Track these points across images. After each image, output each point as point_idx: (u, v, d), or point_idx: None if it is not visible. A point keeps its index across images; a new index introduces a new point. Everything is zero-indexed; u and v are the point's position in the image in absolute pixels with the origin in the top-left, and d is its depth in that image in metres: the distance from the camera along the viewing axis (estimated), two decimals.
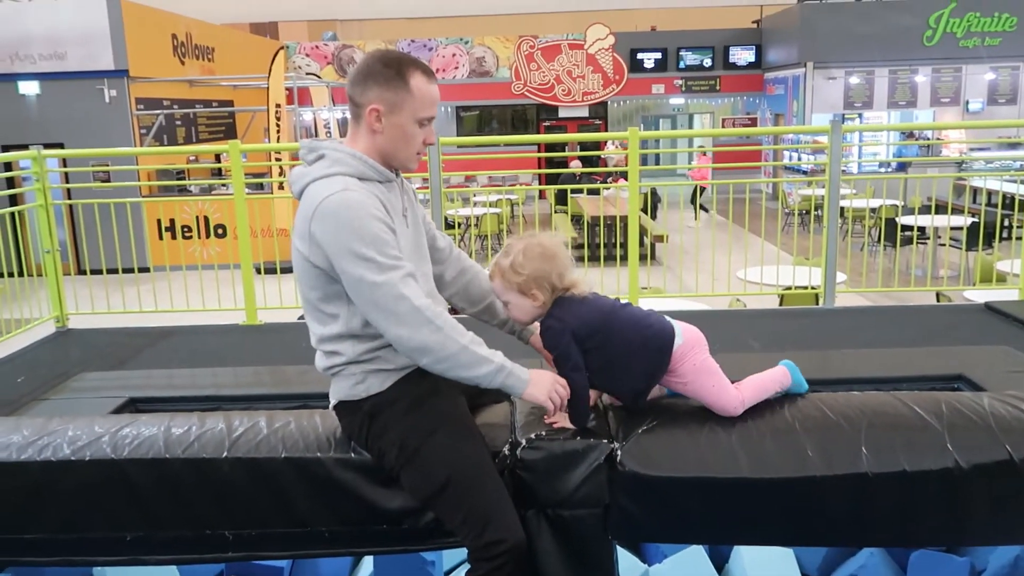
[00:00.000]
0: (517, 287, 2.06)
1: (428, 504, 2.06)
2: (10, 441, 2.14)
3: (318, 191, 1.96)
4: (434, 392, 2.07)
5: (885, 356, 4.27)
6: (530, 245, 2.07)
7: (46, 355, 4.85)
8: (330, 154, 2.03)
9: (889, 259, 9.89)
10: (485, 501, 1.97)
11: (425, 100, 2.04)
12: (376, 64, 2.03)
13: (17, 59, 11.16)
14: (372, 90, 2.01)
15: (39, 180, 5.26)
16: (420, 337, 1.92)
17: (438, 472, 1.99)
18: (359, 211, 1.92)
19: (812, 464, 2.03)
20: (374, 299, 1.91)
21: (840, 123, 5.39)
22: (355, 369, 2.04)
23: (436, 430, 2.03)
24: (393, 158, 2.07)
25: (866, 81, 15.92)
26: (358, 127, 2.07)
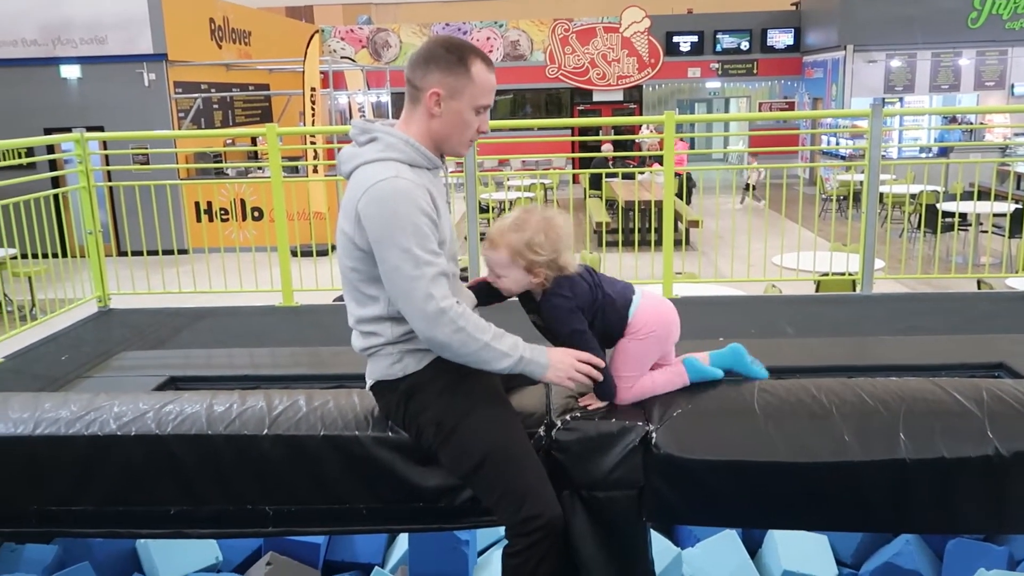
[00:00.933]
0: (525, 265, 2.04)
1: (466, 481, 2.08)
2: (59, 416, 2.20)
3: (369, 174, 1.99)
4: (471, 371, 2.08)
5: (924, 344, 4.22)
6: (548, 225, 2.05)
7: (89, 334, 4.96)
8: (383, 138, 2.05)
9: (929, 246, 9.73)
10: (522, 478, 2.00)
11: (484, 88, 2.05)
12: (439, 49, 2.04)
13: (59, 43, 11.33)
14: (434, 74, 2.02)
15: (82, 162, 5.35)
16: (441, 335, 1.96)
17: (475, 449, 2.02)
18: (407, 201, 1.94)
19: (849, 449, 2.02)
20: (405, 291, 1.95)
21: (881, 107, 5.30)
22: (392, 349, 2.07)
23: (473, 408, 2.05)
24: (445, 143, 2.09)
25: (908, 64, 15.62)
26: (414, 110, 2.08)
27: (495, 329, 2.01)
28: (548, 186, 13.62)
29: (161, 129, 11.20)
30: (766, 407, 2.12)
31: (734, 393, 2.18)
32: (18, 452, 2.16)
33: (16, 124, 10.59)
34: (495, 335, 1.99)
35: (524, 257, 2.03)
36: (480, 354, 1.97)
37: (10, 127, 10.26)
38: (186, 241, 9.69)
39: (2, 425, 2.17)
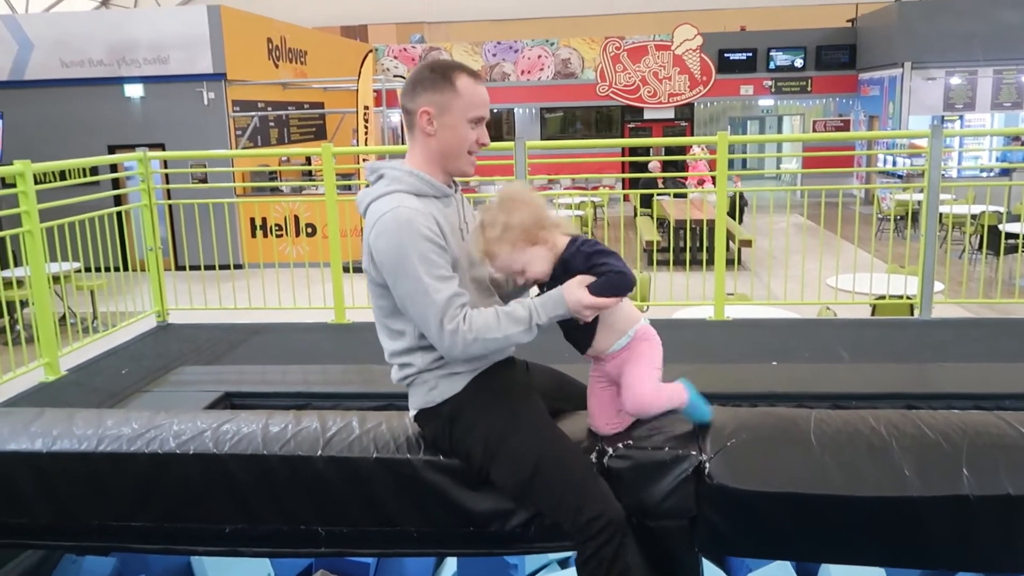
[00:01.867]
0: (527, 240, 2.02)
1: (521, 495, 2.08)
2: (120, 433, 2.26)
3: (376, 210, 2.05)
4: (510, 388, 2.12)
5: (986, 371, 4.10)
6: (503, 205, 2.04)
7: (148, 348, 5.08)
8: (388, 173, 2.10)
9: (991, 268, 9.46)
10: (576, 481, 2.01)
11: (473, 99, 2.08)
12: (423, 71, 2.11)
13: (124, 63, 11.70)
14: (421, 95, 2.07)
15: (144, 181, 5.51)
16: (463, 352, 2.00)
17: (526, 460, 2.03)
18: (410, 231, 1.98)
19: (910, 484, 1.97)
20: (421, 318, 2.00)
21: (941, 128, 5.19)
22: (427, 376, 2.10)
23: (518, 420, 2.07)
24: (448, 161, 2.11)
25: (968, 81, 15.27)
26: (413, 137, 2.13)
27: (502, 313, 2.01)
28: (598, 204, 13.60)
29: (219, 146, 11.48)
30: (822, 437, 2.08)
31: (789, 423, 2.14)
32: (82, 468, 2.22)
33: (82, 140, 10.99)
34: (505, 321, 2.00)
35: (514, 240, 2.01)
36: (503, 345, 2.02)
37: (76, 143, 10.67)
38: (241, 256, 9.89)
39: (67, 441, 2.24)
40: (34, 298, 4.48)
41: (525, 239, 2.02)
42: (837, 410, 2.23)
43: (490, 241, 2.02)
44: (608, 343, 2.09)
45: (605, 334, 2.08)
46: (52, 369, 4.47)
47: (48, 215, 4.59)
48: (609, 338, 2.08)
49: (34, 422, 2.35)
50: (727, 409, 2.30)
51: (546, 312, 2.01)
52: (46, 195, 4.66)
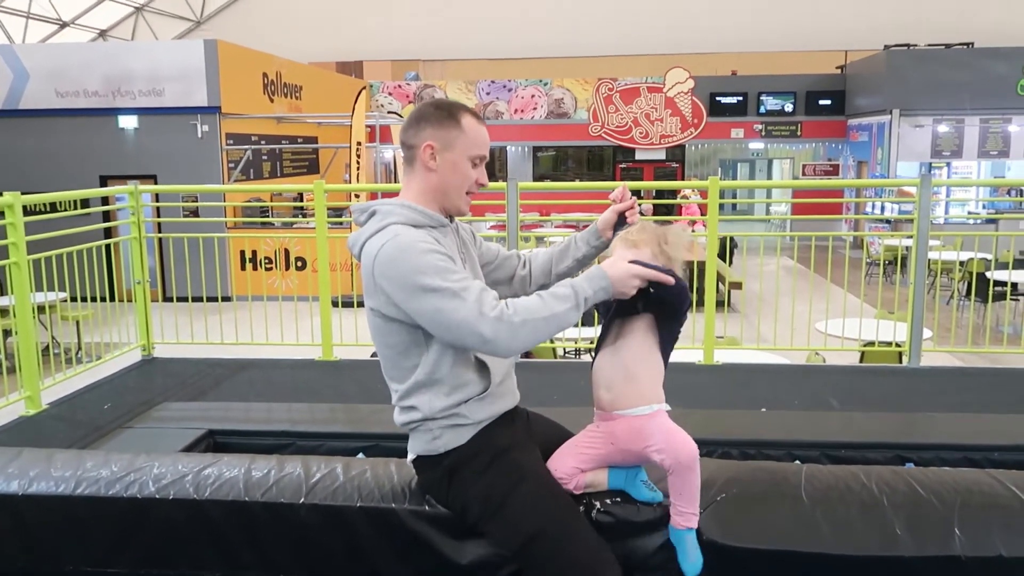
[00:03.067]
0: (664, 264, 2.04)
1: (517, 557, 2.03)
2: (99, 475, 2.21)
3: (372, 246, 2.01)
4: (514, 444, 2.07)
5: (976, 422, 4.08)
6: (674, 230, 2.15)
7: (132, 383, 5.02)
8: (380, 209, 2.08)
9: (978, 315, 9.51)
10: (583, 550, 1.95)
11: (477, 139, 2.10)
12: (428, 108, 2.12)
13: (119, 95, 11.74)
14: (425, 130, 2.08)
15: (134, 214, 5.48)
16: (515, 342, 1.92)
17: (526, 524, 1.98)
18: (412, 250, 1.95)
19: (901, 543, 1.95)
20: (456, 324, 1.90)
21: (930, 177, 5.24)
22: (432, 425, 2.05)
23: (520, 482, 2.01)
24: (446, 197, 2.10)
25: (955, 130, 15.48)
26: (412, 172, 2.12)
27: (545, 294, 1.97)
28: None
29: (212, 178, 11.49)
30: (813, 493, 2.06)
31: (780, 478, 2.12)
32: (59, 511, 2.17)
33: (75, 170, 10.99)
34: (549, 300, 1.94)
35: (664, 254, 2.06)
36: (552, 326, 1.94)
37: (69, 173, 10.66)
38: (230, 288, 9.84)
39: (45, 483, 2.19)
40: (18, 331, 4.42)
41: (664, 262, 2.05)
42: (828, 465, 2.21)
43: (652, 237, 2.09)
44: (631, 401, 2.03)
45: (634, 386, 2.02)
46: (33, 403, 4.41)
47: (37, 246, 4.56)
48: (634, 394, 2.02)
49: (11, 463, 2.30)
50: (717, 462, 2.28)
51: (591, 285, 1.95)
52: (36, 226, 4.63)
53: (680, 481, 1.96)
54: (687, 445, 1.97)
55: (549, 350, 6.24)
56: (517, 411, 2.16)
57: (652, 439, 1.98)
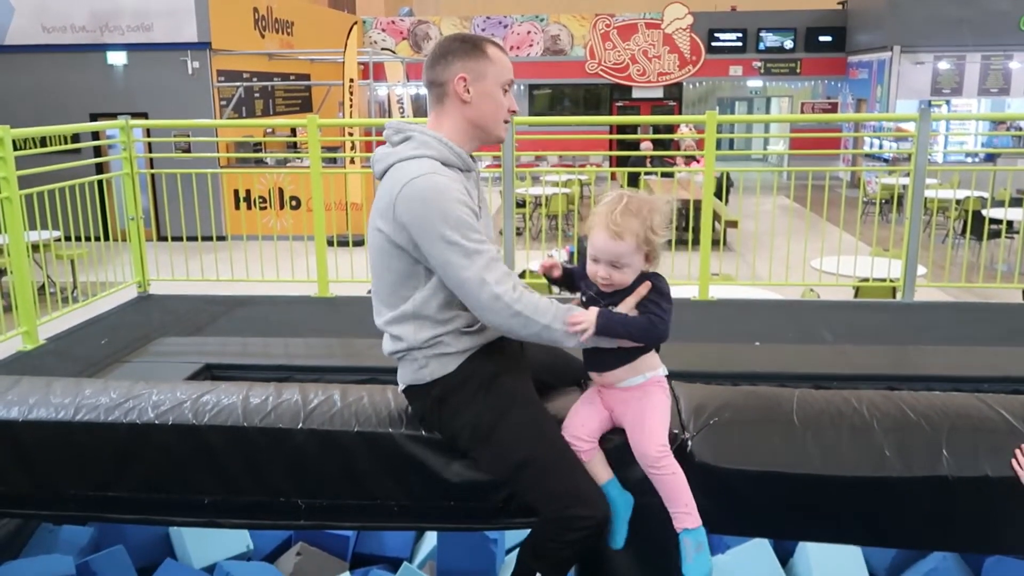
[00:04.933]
0: (648, 251, 1.97)
1: (506, 484, 2.07)
2: (98, 403, 2.23)
3: (405, 171, 1.98)
4: (503, 371, 2.08)
5: (966, 354, 4.13)
6: (663, 211, 1.99)
7: (128, 319, 5.03)
8: (417, 136, 2.05)
9: (973, 253, 9.53)
10: (567, 478, 1.98)
11: (505, 66, 2.10)
12: (453, 42, 2.09)
13: (107, 30, 11.50)
14: (455, 64, 2.05)
15: (126, 149, 5.43)
16: (499, 320, 1.96)
17: (515, 451, 2.00)
18: (445, 194, 1.95)
19: (889, 464, 1.98)
20: (459, 282, 1.94)
21: (929, 111, 5.20)
22: (417, 355, 2.06)
23: (509, 409, 2.03)
24: (483, 128, 2.09)
25: (956, 67, 15.29)
26: (442, 107, 2.09)
27: (556, 307, 1.96)
28: (585, 182, 13.56)
29: (203, 116, 11.33)
30: (804, 418, 2.08)
31: (772, 402, 2.15)
32: (59, 437, 2.19)
33: (63, 108, 10.81)
34: (555, 315, 1.95)
35: (649, 243, 1.96)
36: (543, 335, 1.96)
37: (57, 111, 10.49)
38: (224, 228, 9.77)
39: (44, 410, 2.21)
40: (12, 266, 4.42)
41: (647, 250, 1.97)
42: (820, 390, 2.24)
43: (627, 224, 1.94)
44: (620, 377, 2.03)
45: (624, 369, 2.03)
46: (30, 338, 4.42)
47: (28, 182, 4.52)
48: (625, 373, 2.03)
49: (10, 390, 2.32)
50: (710, 387, 2.31)
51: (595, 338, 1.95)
52: (26, 162, 4.58)
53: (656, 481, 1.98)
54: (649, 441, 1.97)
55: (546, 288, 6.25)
56: (507, 339, 2.14)
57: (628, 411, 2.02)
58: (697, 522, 1.97)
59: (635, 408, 2.01)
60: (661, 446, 1.97)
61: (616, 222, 1.94)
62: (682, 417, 2.11)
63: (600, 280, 1.99)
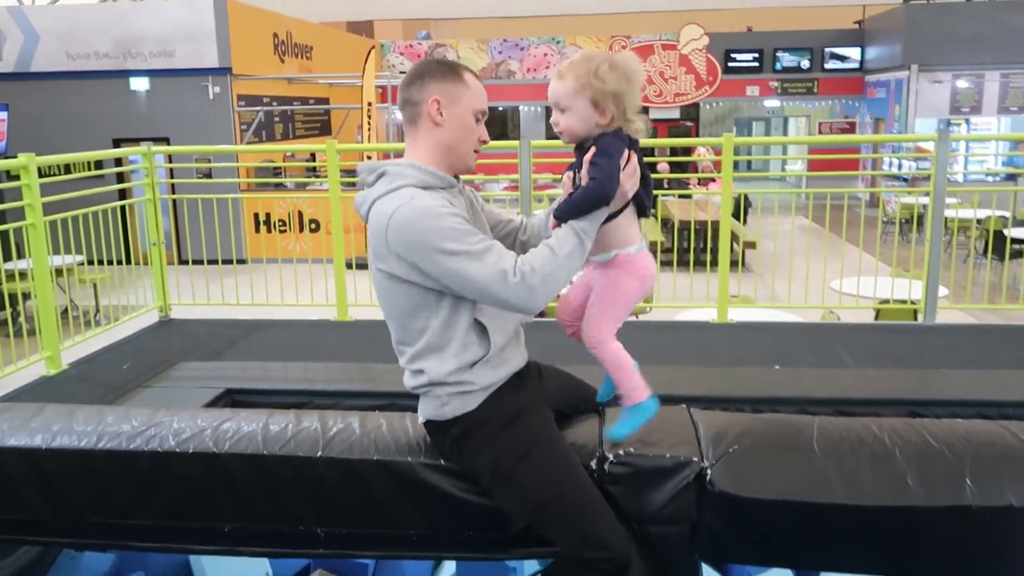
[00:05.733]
0: (592, 95, 1.95)
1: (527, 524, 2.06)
2: (120, 430, 2.25)
3: (385, 207, 1.98)
4: (523, 410, 2.05)
5: (990, 378, 4.08)
6: (618, 60, 1.98)
7: (150, 343, 5.08)
8: (390, 170, 2.05)
9: (995, 274, 9.44)
10: (587, 521, 1.97)
11: (479, 93, 2.09)
12: (430, 64, 2.10)
13: (129, 56, 11.70)
14: (430, 85, 2.06)
15: (148, 175, 5.50)
16: (541, 297, 1.93)
17: (534, 494, 1.99)
18: (431, 212, 1.94)
19: (912, 493, 1.96)
20: (482, 286, 1.91)
21: (947, 132, 5.17)
22: (439, 391, 2.04)
23: (529, 450, 2.01)
24: (454, 153, 2.08)
25: (975, 84, 15.21)
26: (416, 130, 2.09)
27: (551, 243, 1.96)
28: None
29: (224, 140, 11.47)
30: (825, 445, 2.07)
31: (792, 429, 2.13)
32: (81, 464, 2.21)
33: (86, 134, 10.97)
34: (557, 245, 1.95)
35: (591, 87, 1.94)
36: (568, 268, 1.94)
37: (81, 136, 10.65)
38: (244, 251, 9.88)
39: (67, 438, 2.23)
40: (37, 291, 4.47)
41: (592, 94, 1.95)
42: (840, 417, 2.22)
43: (571, 67, 1.97)
44: (591, 253, 2.02)
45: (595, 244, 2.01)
46: (54, 363, 4.47)
47: (52, 208, 4.59)
48: (593, 249, 2.02)
49: (34, 418, 2.35)
50: (728, 415, 2.30)
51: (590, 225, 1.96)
52: (51, 188, 4.65)
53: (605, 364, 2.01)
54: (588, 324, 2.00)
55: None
56: (528, 370, 2.15)
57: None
58: (639, 399, 1.99)
59: (598, 288, 2.03)
60: (596, 333, 1.98)
61: (562, 66, 2.01)
62: (701, 445, 2.10)
63: (555, 129, 2.02)
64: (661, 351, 4.50)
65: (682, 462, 2.04)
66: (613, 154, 1.93)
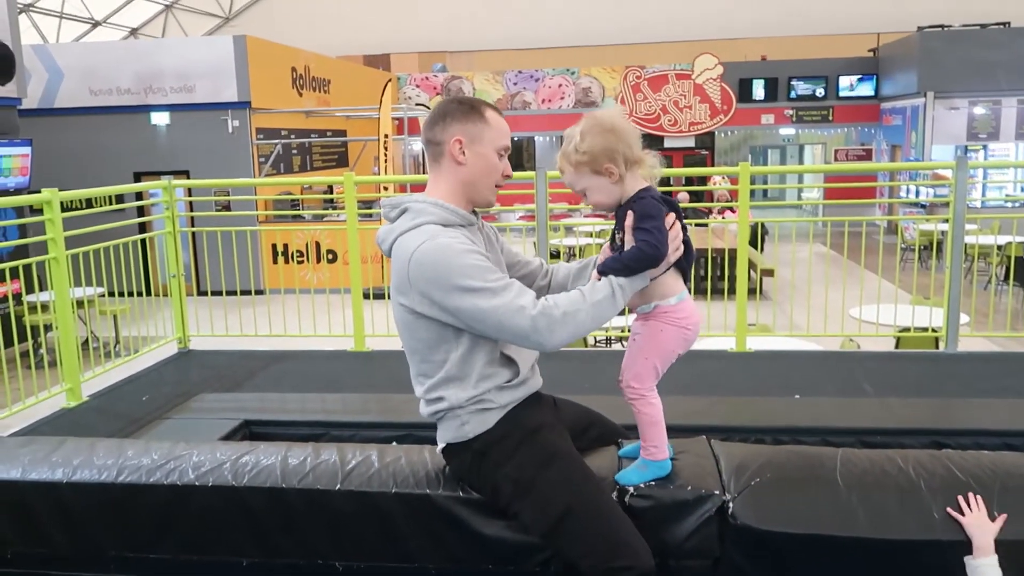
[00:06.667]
0: (589, 167, 2.02)
1: (547, 537, 2.04)
2: (140, 464, 2.25)
3: (407, 244, 2.02)
4: (541, 425, 2.09)
5: (1015, 407, 4.02)
6: (587, 124, 2.03)
7: (169, 375, 5.10)
8: (413, 207, 2.10)
9: (1017, 300, 9.34)
10: (609, 529, 1.96)
11: (502, 130, 2.13)
12: (451, 104, 2.14)
13: (151, 92, 11.89)
14: (452, 125, 2.10)
15: (168, 209, 5.56)
16: (559, 335, 1.95)
17: (556, 503, 1.99)
18: (452, 250, 1.98)
19: (939, 527, 1.93)
20: (499, 324, 1.95)
21: (966, 159, 5.15)
22: (459, 412, 2.07)
23: (549, 462, 2.03)
24: (476, 191, 2.12)
25: (992, 111, 15.17)
26: (439, 168, 2.13)
27: (585, 288, 2.00)
28: None
29: (243, 173, 11.60)
30: (849, 478, 2.04)
31: (815, 462, 2.11)
32: (101, 497, 2.21)
33: (108, 168, 11.15)
34: (589, 292, 1.98)
35: (581, 162, 2.01)
36: (595, 318, 1.97)
37: (103, 170, 10.83)
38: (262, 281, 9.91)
39: (88, 471, 2.24)
40: (58, 324, 4.51)
41: (588, 165, 2.01)
42: (864, 449, 2.19)
43: (562, 155, 2.04)
44: (634, 304, 2.09)
45: (634, 297, 2.06)
46: (74, 395, 4.50)
47: (74, 241, 4.64)
48: (636, 300, 2.08)
49: (55, 451, 2.36)
50: (749, 446, 2.28)
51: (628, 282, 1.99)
52: (73, 222, 4.71)
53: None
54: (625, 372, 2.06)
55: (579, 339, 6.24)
56: (542, 396, 2.19)
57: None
58: (659, 457, 2.05)
59: (639, 339, 2.07)
60: (637, 385, 2.03)
61: (557, 161, 2.08)
62: (723, 477, 2.08)
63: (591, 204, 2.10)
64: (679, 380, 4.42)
65: (704, 495, 2.01)
66: (656, 216, 1.98)
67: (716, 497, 2.01)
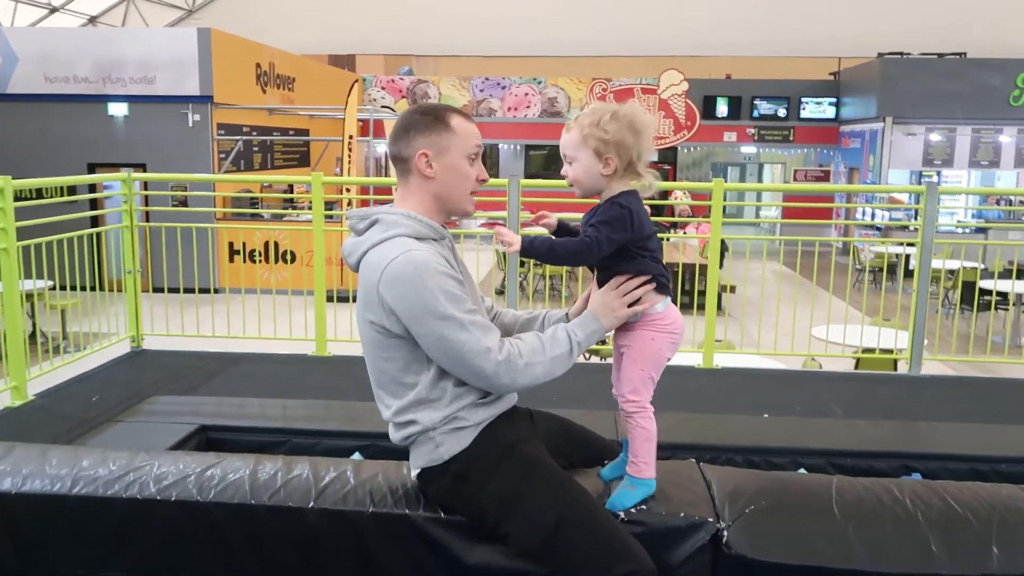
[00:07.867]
0: (595, 146, 1.97)
1: (542, 553, 1.94)
2: (97, 475, 2.11)
3: (380, 256, 1.93)
4: (518, 440, 2.02)
5: (981, 432, 4.04)
6: (622, 111, 1.99)
7: (121, 375, 4.89)
8: (384, 218, 2.00)
9: (967, 324, 9.52)
10: (606, 535, 1.89)
11: (469, 136, 2.04)
12: (414, 116, 2.04)
13: (109, 81, 11.55)
14: (416, 139, 2.00)
15: (127, 202, 5.36)
16: (514, 381, 1.93)
17: (547, 515, 1.91)
18: (428, 269, 1.89)
19: (936, 561, 1.88)
20: (459, 356, 1.89)
21: (936, 185, 5.21)
22: (432, 434, 1.98)
23: (532, 472, 1.97)
24: (450, 203, 2.04)
25: (947, 139, 15.53)
26: (407, 183, 2.04)
27: (543, 337, 1.98)
28: None
29: (202, 168, 11.32)
30: (845, 507, 1.99)
31: (810, 489, 2.05)
32: (53, 511, 2.06)
33: (62, 157, 10.79)
34: (550, 344, 1.96)
35: (593, 136, 1.97)
36: (549, 372, 1.96)
37: (56, 159, 10.46)
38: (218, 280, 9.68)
39: (39, 481, 2.09)
40: (6, 320, 4.30)
41: (596, 144, 1.97)
42: (857, 478, 2.14)
43: (580, 118, 2.00)
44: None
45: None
46: (19, 394, 4.28)
47: (24, 233, 4.43)
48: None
49: (3, 459, 2.20)
50: (742, 471, 2.22)
51: (583, 330, 1.98)
52: (23, 212, 4.49)
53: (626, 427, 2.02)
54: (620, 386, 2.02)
55: None
56: (518, 410, 2.12)
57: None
58: (646, 475, 2.00)
59: (630, 349, 2.03)
60: (635, 398, 1.99)
61: (574, 117, 2.04)
62: (716, 504, 2.01)
63: (566, 180, 2.07)
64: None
65: (697, 522, 1.95)
66: (619, 230, 1.95)
67: (710, 525, 1.94)
